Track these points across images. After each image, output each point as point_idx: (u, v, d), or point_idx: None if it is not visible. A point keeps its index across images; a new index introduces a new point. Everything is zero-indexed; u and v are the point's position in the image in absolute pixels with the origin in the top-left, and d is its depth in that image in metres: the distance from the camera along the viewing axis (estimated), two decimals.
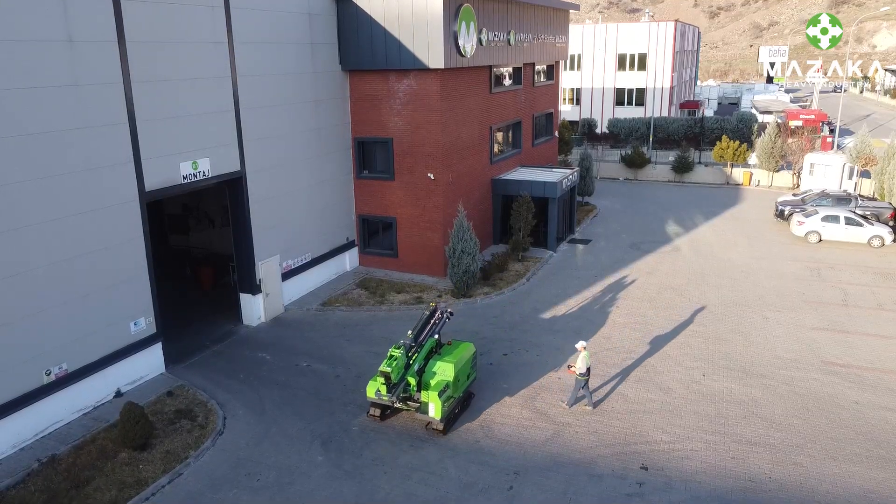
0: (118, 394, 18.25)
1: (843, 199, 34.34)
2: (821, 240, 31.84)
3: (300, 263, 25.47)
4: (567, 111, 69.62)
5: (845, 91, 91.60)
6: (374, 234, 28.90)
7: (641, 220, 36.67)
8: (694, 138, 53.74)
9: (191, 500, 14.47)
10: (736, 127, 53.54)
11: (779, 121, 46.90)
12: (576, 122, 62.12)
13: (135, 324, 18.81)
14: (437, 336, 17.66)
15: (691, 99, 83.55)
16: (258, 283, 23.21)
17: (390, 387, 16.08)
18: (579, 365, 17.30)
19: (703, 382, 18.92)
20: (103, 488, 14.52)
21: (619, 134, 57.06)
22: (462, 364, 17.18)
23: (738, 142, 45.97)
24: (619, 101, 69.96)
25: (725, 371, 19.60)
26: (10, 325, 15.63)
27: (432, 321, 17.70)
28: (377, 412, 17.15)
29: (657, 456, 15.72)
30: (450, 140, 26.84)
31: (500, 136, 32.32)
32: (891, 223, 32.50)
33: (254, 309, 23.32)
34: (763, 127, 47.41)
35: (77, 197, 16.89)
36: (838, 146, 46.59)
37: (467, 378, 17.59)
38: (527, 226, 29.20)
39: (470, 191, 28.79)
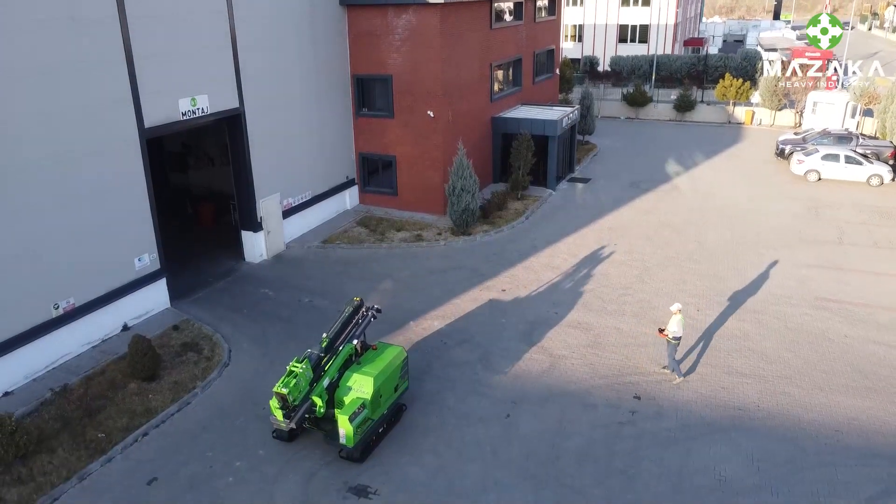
0: (125, 328, 18.67)
1: (844, 138, 34.19)
2: (820, 178, 31.86)
3: (301, 201, 25.60)
4: (569, 48, 68.38)
5: (852, 28, 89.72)
6: (373, 172, 28.92)
7: (641, 160, 36.58)
8: (697, 76, 53.02)
9: (199, 427, 15.02)
10: (740, 65, 52.77)
11: (784, 58, 46.20)
12: (577, 60, 61.16)
13: (139, 260, 19.09)
14: (356, 342, 14.71)
15: (696, 36, 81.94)
16: (259, 220, 23.39)
17: (288, 411, 13.38)
18: (674, 328, 16.03)
19: (697, 317, 19.32)
20: (115, 416, 15.05)
21: (622, 72, 56.28)
22: (386, 377, 14.19)
23: (741, 80, 45.41)
24: (622, 39, 68.59)
25: (719, 307, 19.98)
26: (16, 260, 15.88)
27: (354, 321, 14.89)
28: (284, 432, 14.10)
29: (650, 386, 16.22)
30: (450, 77, 26.58)
31: (500, 73, 31.94)
32: (890, 162, 32.45)
33: (255, 246, 23.58)
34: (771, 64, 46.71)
35: (77, 133, 16.91)
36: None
37: (394, 391, 14.63)
38: (526, 164, 29.20)
39: (470, 129, 28.67)
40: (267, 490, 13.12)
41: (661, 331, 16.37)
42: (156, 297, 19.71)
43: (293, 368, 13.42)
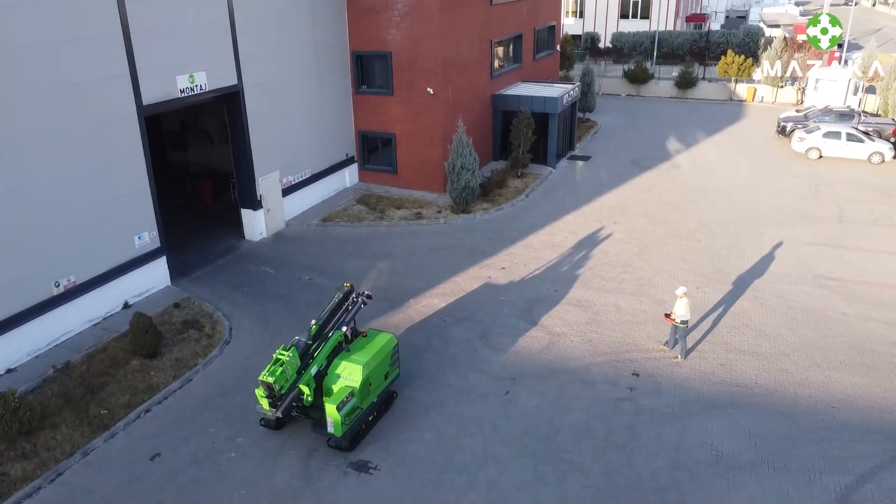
0: (126, 305, 18.73)
1: (845, 115, 34.02)
2: (821, 156, 31.75)
3: (300, 179, 25.55)
4: (570, 25, 67.67)
5: (856, 4, 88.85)
6: (373, 150, 28.82)
7: (642, 137, 36.43)
8: (699, 53, 52.59)
9: (201, 404, 15.14)
10: (742, 41, 52.33)
11: (786, 35, 45.80)
12: (578, 36, 60.61)
13: (139, 238, 19.10)
14: (346, 328, 14.34)
15: (698, 12, 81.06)
16: (259, 198, 23.37)
17: (274, 400, 13.11)
18: (681, 312, 15.89)
19: (697, 295, 19.37)
20: (117, 393, 15.17)
21: (623, 48, 55.81)
22: (375, 364, 13.94)
23: (743, 56, 45.07)
24: (623, 14, 67.84)
25: (719, 284, 20.03)
26: (16, 238, 15.90)
27: (344, 307, 14.60)
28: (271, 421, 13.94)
29: (649, 363, 16.32)
30: (449, 54, 26.38)
31: (500, 50, 31.69)
32: (892, 139, 32.31)
33: (255, 224, 23.57)
34: (770, 41, 46.34)
35: (75, 111, 16.84)
36: (845, 61, 45.70)
37: (384, 379, 14.42)
38: (526, 142, 29.09)
39: (470, 106, 28.52)
40: (268, 465, 13.27)
41: (668, 315, 16.19)
42: (156, 275, 19.76)
43: (279, 356, 13.10)
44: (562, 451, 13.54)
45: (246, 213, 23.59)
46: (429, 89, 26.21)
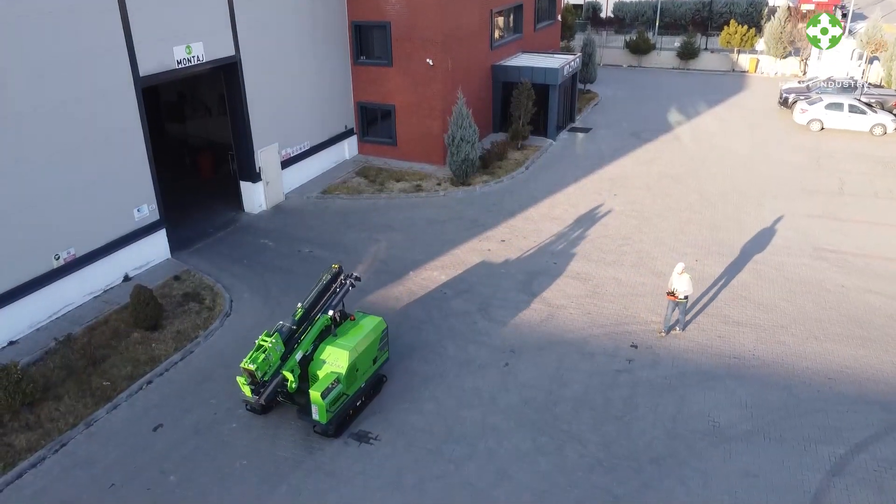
0: (126, 278, 18.78)
1: (848, 87, 33.75)
2: (823, 128, 31.56)
3: (299, 151, 25.44)
4: None
5: None
6: (372, 122, 28.64)
7: (643, 109, 36.18)
8: (701, 23, 52.01)
9: (202, 376, 15.26)
10: (745, 11, 51.70)
11: (790, 4, 45.25)
12: (580, 6, 59.81)
13: (138, 210, 19.08)
14: (333, 312, 13.84)
15: None
16: (258, 171, 23.28)
17: (257, 386, 12.92)
18: (684, 287, 15.66)
19: (696, 268, 19.39)
20: (119, 365, 15.27)
21: (625, 18, 55.14)
22: (362, 350, 13.60)
23: (745, 26, 44.56)
24: None
25: (718, 257, 20.06)
26: (15, 211, 15.87)
27: (331, 289, 14.20)
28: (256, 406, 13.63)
29: (647, 335, 16.41)
30: (449, 24, 26.07)
31: (500, 20, 31.32)
32: (895, 111, 32.08)
33: (255, 197, 23.52)
34: (773, 11, 45.78)
35: (71, 82, 16.69)
36: (850, 31, 45.18)
37: (372, 363, 14.08)
38: (527, 113, 28.90)
39: (469, 77, 28.26)
40: (270, 435, 13.41)
41: (671, 293, 15.82)
42: (156, 247, 19.77)
43: (262, 342, 12.76)
44: (560, 421, 13.68)
45: (245, 186, 23.52)
46: (428, 60, 25.97)
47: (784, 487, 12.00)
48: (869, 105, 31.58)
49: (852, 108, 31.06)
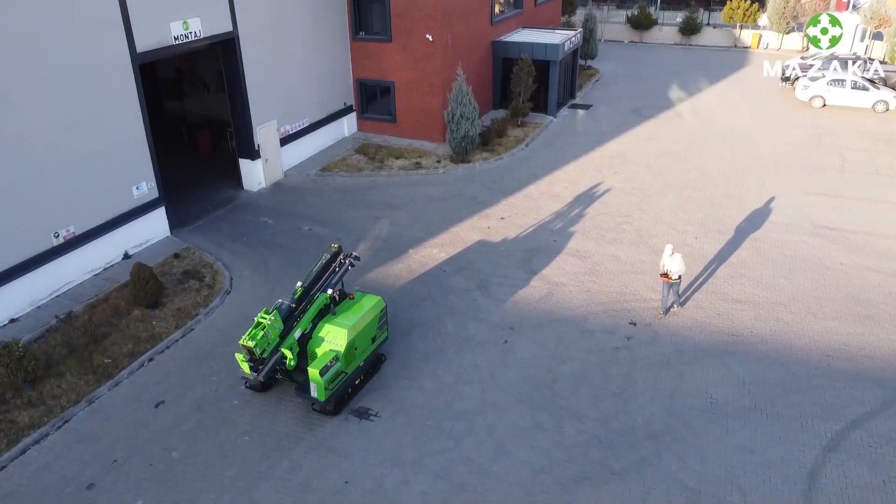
0: (126, 256, 18.79)
1: (852, 63, 33.43)
2: (825, 104, 31.38)
3: (298, 129, 25.31)
4: None
5: None
6: (372, 98, 28.46)
7: (644, 85, 35.95)
8: None
9: (203, 353, 15.34)
10: None
11: None
12: None
13: (137, 188, 19.03)
14: (332, 291, 13.92)
15: None
16: (257, 148, 23.19)
17: (255, 363, 12.98)
18: (677, 268, 15.62)
19: (695, 245, 19.41)
20: (120, 342, 15.34)
21: None
22: (361, 329, 13.63)
23: (748, 2, 44.11)
24: None
25: (717, 234, 20.05)
26: (13, 189, 15.83)
27: (331, 268, 14.26)
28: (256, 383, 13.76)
29: (646, 313, 16.46)
30: None
31: None
32: None
33: (254, 174, 23.46)
34: None
35: (67, 59, 16.55)
36: (853, 6, 44.71)
37: (371, 342, 14.14)
38: (527, 90, 28.71)
39: (469, 53, 28.03)
40: (270, 412, 13.52)
41: (665, 275, 15.72)
42: (155, 225, 19.75)
43: (261, 320, 12.78)
44: (559, 398, 13.78)
45: (244, 163, 23.45)
46: (428, 36, 25.73)
47: (780, 463, 12.12)
48: (872, 81, 31.37)
49: (855, 85, 30.86)
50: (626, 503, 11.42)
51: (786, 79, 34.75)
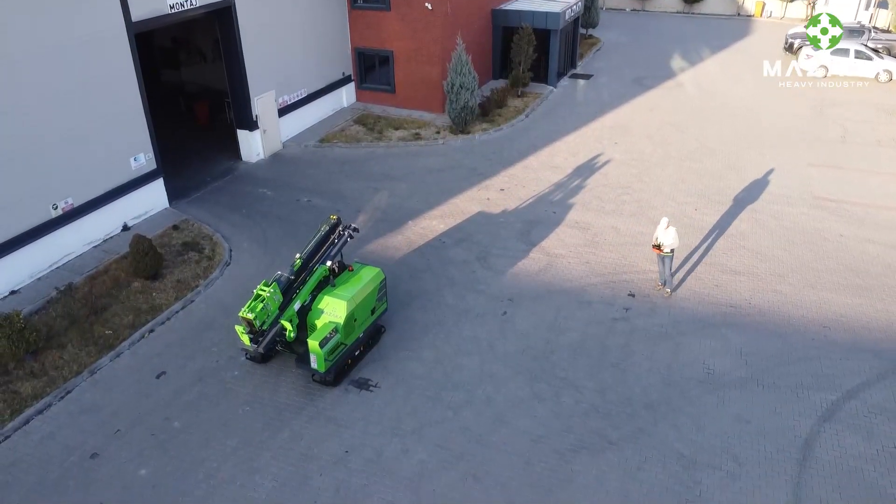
0: (125, 227, 18.77)
1: (855, 32, 33.08)
2: (828, 74, 31.08)
3: (296, 99, 25.10)
4: None
5: None
6: (370, 68, 28.18)
7: (646, 54, 35.58)
8: None
9: (203, 324, 15.41)
10: None
11: None
12: None
13: (135, 159, 18.94)
14: (331, 262, 13.93)
15: None
16: (255, 119, 23.02)
17: (255, 335, 13.05)
18: (670, 241, 15.37)
19: (695, 217, 19.39)
20: (121, 314, 15.40)
21: None
22: (360, 300, 13.60)
23: None
24: None
25: (717, 206, 20.01)
26: (10, 160, 15.74)
27: (329, 240, 14.25)
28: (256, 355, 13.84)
29: (645, 284, 16.50)
30: None
31: None
32: None
33: (252, 145, 23.32)
34: None
35: (63, 29, 16.34)
36: None
37: (371, 314, 14.12)
38: (527, 60, 28.41)
39: (469, 22, 27.68)
40: (271, 383, 13.63)
41: (657, 247, 15.55)
42: (154, 197, 19.70)
43: (260, 292, 12.84)
44: (557, 369, 13.89)
45: (242, 134, 23.30)
46: (427, 4, 25.39)
47: (775, 432, 12.25)
48: (875, 51, 31.04)
49: (859, 54, 30.56)
50: (622, 472, 11.58)
51: (789, 48, 34.39)
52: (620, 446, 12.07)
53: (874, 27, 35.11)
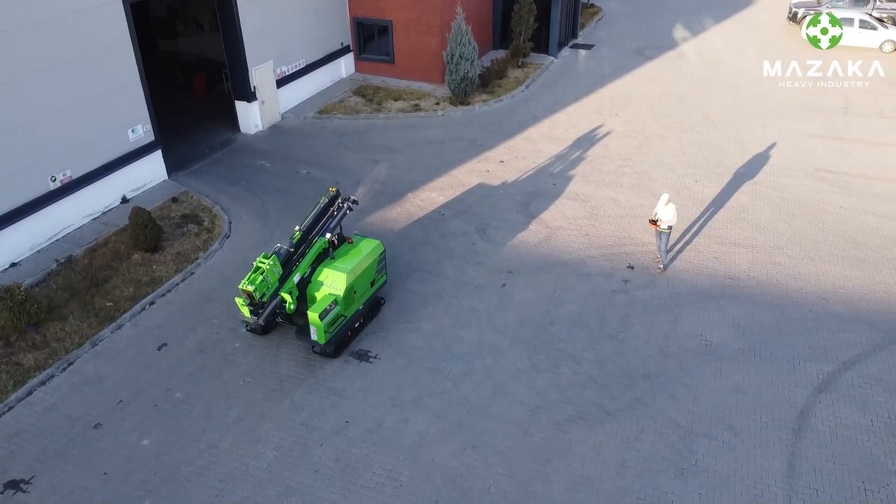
0: (124, 200, 18.74)
1: (860, 0, 32.66)
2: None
3: (294, 70, 24.87)
4: None
5: None
6: (369, 38, 27.88)
7: (648, 24, 35.14)
8: None
9: (204, 297, 15.47)
10: None
11: None
12: None
13: (132, 131, 18.84)
14: (330, 235, 13.94)
15: None
16: (253, 90, 22.84)
17: (255, 307, 13.16)
18: (668, 217, 15.21)
19: (695, 188, 19.35)
20: (121, 286, 15.46)
21: None
22: (360, 273, 13.65)
23: None
24: None
25: (717, 178, 19.95)
26: (7, 133, 15.67)
27: (329, 212, 14.26)
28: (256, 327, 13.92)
29: (644, 257, 16.53)
30: None
31: None
32: None
33: (250, 117, 23.17)
34: None
35: None
36: None
37: (370, 286, 14.18)
38: (528, 30, 28.08)
39: None
40: (272, 354, 13.73)
41: (654, 222, 15.38)
42: (152, 169, 19.62)
43: (259, 264, 12.87)
44: (556, 340, 13.97)
45: (240, 105, 23.13)
46: None
47: (772, 403, 12.37)
48: (880, 21, 30.68)
49: (863, 24, 30.18)
50: (619, 441, 11.72)
51: (792, 17, 33.98)
52: (617, 417, 12.20)
53: None
